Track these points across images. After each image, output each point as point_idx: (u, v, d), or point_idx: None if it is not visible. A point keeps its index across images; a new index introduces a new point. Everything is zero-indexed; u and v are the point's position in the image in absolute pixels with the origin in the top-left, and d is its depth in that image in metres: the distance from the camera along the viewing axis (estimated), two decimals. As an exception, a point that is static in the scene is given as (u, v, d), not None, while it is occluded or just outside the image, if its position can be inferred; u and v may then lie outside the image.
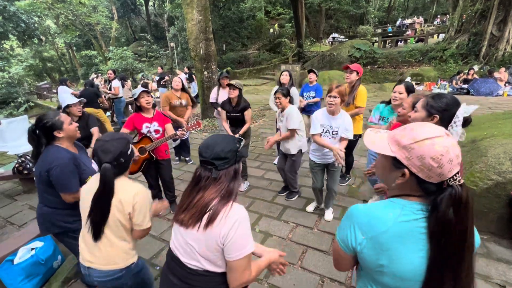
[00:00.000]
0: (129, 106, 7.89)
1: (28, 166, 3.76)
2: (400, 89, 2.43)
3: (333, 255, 0.99)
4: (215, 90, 4.29)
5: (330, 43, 21.11)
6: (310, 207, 3.19)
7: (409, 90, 2.42)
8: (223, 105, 3.54)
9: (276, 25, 21.19)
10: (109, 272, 1.39)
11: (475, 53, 11.52)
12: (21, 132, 5.47)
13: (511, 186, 2.39)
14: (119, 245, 1.40)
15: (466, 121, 1.46)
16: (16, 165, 3.74)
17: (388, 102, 2.66)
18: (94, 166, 1.89)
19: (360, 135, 3.41)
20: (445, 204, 0.72)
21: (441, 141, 0.73)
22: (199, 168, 1.10)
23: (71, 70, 26.43)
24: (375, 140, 0.86)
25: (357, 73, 3.25)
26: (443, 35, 14.70)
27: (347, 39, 18.92)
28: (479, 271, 2.18)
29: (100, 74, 11.44)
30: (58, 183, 1.69)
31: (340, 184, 3.68)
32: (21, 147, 5.08)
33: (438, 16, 23.26)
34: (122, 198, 1.34)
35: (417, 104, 1.56)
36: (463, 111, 1.42)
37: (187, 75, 9.73)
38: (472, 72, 9.65)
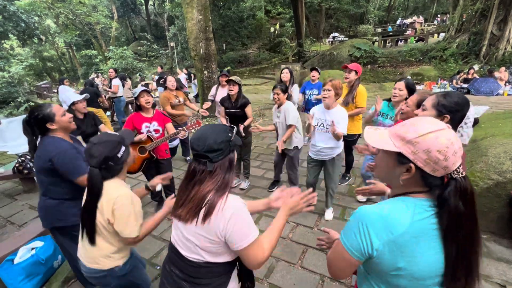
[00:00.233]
0: (129, 106, 7.90)
1: (28, 166, 3.77)
2: (400, 86, 2.45)
3: (333, 263, 0.91)
4: (214, 89, 4.30)
5: (330, 43, 21.06)
6: None
7: (409, 87, 2.44)
8: (223, 102, 3.55)
9: (278, 25, 21.13)
10: (92, 270, 1.41)
11: (476, 53, 11.49)
12: (21, 132, 5.48)
13: (512, 186, 2.39)
14: (102, 247, 1.39)
15: (475, 122, 1.45)
16: (16, 165, 3.74)
17: (390, 100, 2.67)
18: None
19: (360, 135, 3.41)
20: (454, 197, 0.72)
21: (445, 134, 0.73)
22: (193, 162, 1.07)
23: (71, 70, 26.44)
24: (376, 137, 0.85)
25: (356, 73, 3.25)
26: (443, 35, 14.66)
27: (347, 39, 18.86)
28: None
29: (100, 74, 11.44)
30: (68, 169, 1.66)
31: (340, 184, 3.68)
32: (21, 147, 5.09)
33: (438, 16, 23.21)
34: (104, 202, 1.32)
35: (426, 102, 1.47)
36: (474, 112, 1.40)
37: (187, 75, 9.79)
38: (472, 72, 9.63)
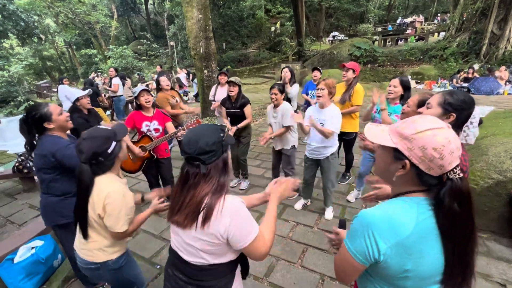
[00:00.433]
0: (129, 105, 7.91)
1: (28, 165, 3.76)
2: (395, 83, 2.54)
3: (340, 268, 0.90)
4: (214, 88, 4.29)
5: (330, 42, 21.02)
6: (298, 205, 3.21)
7: (404, 84, 2.51)
8: (223, 103, 3.54)
9: (278, 24, 21.10)
10: (86, 261, 1.43)
11: (476, 52, 11.46)
12: (21, 131, 5.48)
13: (512, 185, 2.39)
14: (96, 240, 1.41)
15: (480, 122, 1.44)
16: (16, 164, 3.74)
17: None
18: None
19: (357, 133, 3.43)
20: (449, 198, 0.72)
21: (443, 132, 0.72)
22: (186, 165, 1.04)
23: (71, 69, 26.40)
24: (376, 133, 0.86)
25: (353, 71, 3.28)
26: (444, 34, 14.63)
27: (348, 38, 18.84)
28: (479, 270, 2.18)
29: (100, 73, 11.44)
30: (74, 160, 1.64)
31: (341, 183, 3.68)
32: (21, 146, 5.07)
33: (439, 15, 23.15)
34: (95, 197, 1.33)
35: (431, 100, 1.44)
36: (479, 112, 1.40)
37: (187, 75, 9.82)
38: (473, 71, 9.62)
